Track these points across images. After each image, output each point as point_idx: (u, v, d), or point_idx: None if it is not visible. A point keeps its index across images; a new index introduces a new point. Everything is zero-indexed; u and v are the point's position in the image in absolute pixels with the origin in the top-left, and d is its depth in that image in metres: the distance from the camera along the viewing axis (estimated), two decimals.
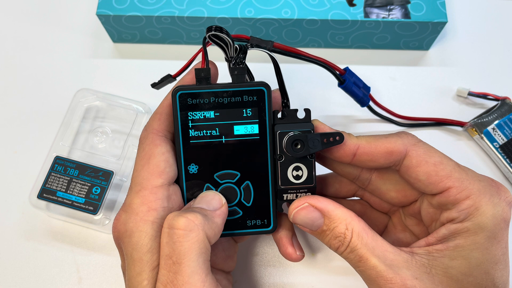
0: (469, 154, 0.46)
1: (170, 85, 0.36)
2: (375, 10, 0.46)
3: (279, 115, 0.31)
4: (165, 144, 0.30)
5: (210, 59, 0.31)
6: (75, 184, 0.40)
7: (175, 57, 0.50)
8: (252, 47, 0.31)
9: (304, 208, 0.30)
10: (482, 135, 0.44)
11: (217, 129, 0.31)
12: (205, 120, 0.30)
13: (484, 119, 0.45)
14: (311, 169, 0.31)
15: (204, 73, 0.30)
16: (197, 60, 0.32)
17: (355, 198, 0.37)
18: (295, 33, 0.48)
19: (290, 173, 0.31)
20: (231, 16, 0.45)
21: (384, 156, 0.30)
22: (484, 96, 0.46)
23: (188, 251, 0.26)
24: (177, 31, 0.48)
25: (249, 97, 0.30)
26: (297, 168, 0.31)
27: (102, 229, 0.41)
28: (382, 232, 0.36)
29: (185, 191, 0.31)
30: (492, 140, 0.44)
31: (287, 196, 0.31)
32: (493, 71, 0.49)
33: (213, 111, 0.30)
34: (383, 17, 0.46)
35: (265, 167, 0.31)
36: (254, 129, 0.31)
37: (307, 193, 0.31)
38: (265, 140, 0.31)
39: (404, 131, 0.31)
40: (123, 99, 0.45)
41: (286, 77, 0.32)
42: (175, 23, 0.47)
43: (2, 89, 0.49)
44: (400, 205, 0.35)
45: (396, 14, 0.46)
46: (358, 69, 0.42)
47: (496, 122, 0.44)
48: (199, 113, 0.30)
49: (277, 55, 0.32)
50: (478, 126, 0.45)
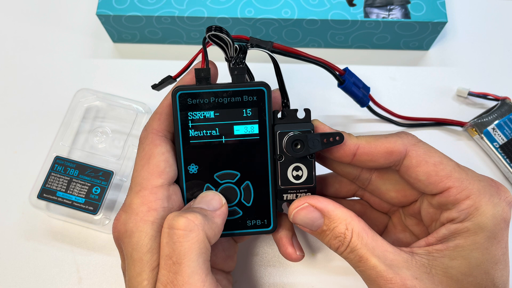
0: (469, 154, 0.46)
1: (171, 85, 0.36)
2: (375, 10, 0.46)
3: (279, 115, 0.31)
4: (165, 144, 0.30)
5: (210, 59, 0.31)
6: (75, 184, 0.40)
7: (175, 57, 0.50)
8: (252, 47, 0.31)
9: (304, 208, 0.30)
10: (482, 135, 0.44)
11: (217, 129, 0.31)
12: (205, 120, 0.30)
13: (484, 119, 0.45)
14: (311, 169, 0.31)
15: (204, 73, 0.30)
16: (197, 61, 0.32)
17: (355, 198, 0.37)
18: (295, 33, 0.48)
19: (290, 173, 0.31)
20: (231, 16, 0.45)
21: (384, 156, 0.30)
22: (484, 96, 0.46)
23: (188, 251, 0.26)
24: (177, 31, 0.48)
25: (249, 97, 0.30)
26: (297, 168, 0.31)
27: (102, 229, 0.41)
28: (382, 232, 0.36)
29: (185, 191, 0.31)
30: (492, 140, 0.44)
31: (287, 196, 0.31)
32: (493, 71, 0.49)
33: (213, 111, 0.30)
34: (383, 17, 0.46)
35: (265, 167, 0.31)
36: (254, 129, 0.31)
37: (307, 193, 0.31)
38: (265, 140, 0.31)
39: (404, 131, 0.31)
40: (123, 99, 0.45)
41: (286, 77, 0.32)
42: (175, 23, 0.47)
43: (2, 89, 0.49)
44: (400, 205, 0.35)
45: (396, 14, 0.46)
46: (358, 69, 0.42)
47: (496, 122, 0.44)
48: (199, 113, 0.30)
49: (277, 55, 0.32)
50: (478, 126, 0.45)
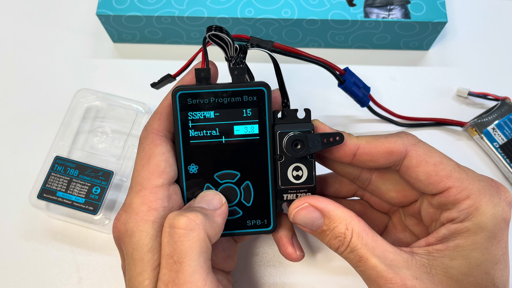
0: (469, 154, 0.46)
1: (170, 84, 0.36)
2: (375, 10, 0.46)
3: (279, 115, 0.31)
4: (166, 144, 0.30)
5: (210, 59, 0.31)
6: (75, 184, 0.40)
7: (175, 57, 0.50)
8: (252, 47, 0.31)
9: (304, 208, 0.30)
10: (482, 135, 0.44)
11: (217, 129, 0.31)
12: (205, 120, 0.30)
13: (484, 119, 0.45)
14: (311, 169, 0.31)
15: (204, 73, 0.30)
16: (197, 60, 0.32)
17: (355, 198, 0.37)
18: (295, 33, 0.48)
19: (290, 173, 0.31)
20: (231, 16, 0.45)
21: (384, 156, 0.30)
22: (484, 96, 0.46)
23: (189, 250, 0.26)
24: (177, 31, 0.48)
25: (249, 97, 0.30)
26: (297, 168, 0.31)
27: (102, 229, 0.41)
28: (382, 232, 0.36)
29: (185, 191, 0.31)
30: (492, 140, 0.44)
31: (287, 196, 0.31)
32: (493, 71, 0.49)
33: (213, 111, 0.30)
34: (383, 17, 0.46)
35: (265, 167, 0.31)
36: (254, 129, 0.31)
37: (307, 193, 0.31)
38: (265, 140, 0.31)
39: (404, 131, 0.31)
40: (123, 99, 0.45)
41: (286, 77, 0.32)
42: (175, 23, 0.47)
43: (2, 89, 0.49)
44: (400, 205, 0.35)
45: (396, 14, 0.46)
46: (358, 69, 0.42)
47: (496, 122, 0.44)
48: (199, 113, 0.30)
49: (277, 55, 0.32)
50: (478, 126, 0.45)
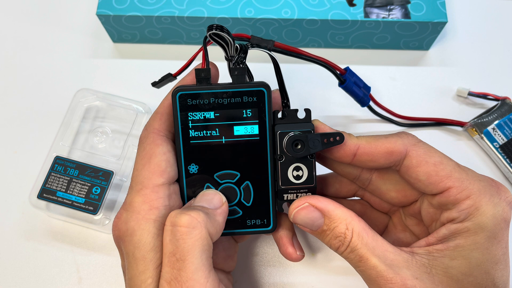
0: (469, 154, 0.46)
1: (171, 84, 0.36)
2: (375, 10, 0.46)
3: (279, 115, 0.31)
4: (166, 144, 0.30)
5: (211, 60, 0.31)
6: (75, 184, 0.40)
7: (175, 57, 0.50)
8: (252, 47, 0.31)
9: (304, 208, 0.30)
10: (482, 135, 0.44)
11: (217, 129, 0.31)
12: (205, 120, 0.30)
13: (484, 119, 0.45)
14: (312, 169, 0.31)
15: (204, 73, 0.30)
16: (197, 59, 0.32)
17: (355, 198, 0.37)
18: (295, 33, 0.48)
19: (291, 173, 0.31)
20: (231, 16, 0.45)
21: (384, 156, 0.30)
22: (484, 96, 0.46)
23: (191, 248, 0.26)
24: (177, 31, 0.48)
25: (249, 97, 0.30)
26: (297, 168, 0.31)
27: (102, 229, 0.41)
28: (383, 232, 0.36)
29: (186, 190, 0.31)
30: (492, 140, 0.44)
31: (287, 196, 0.31)
32: (493, 71, 0.49)
33: (213, 112, 0.30)
34: (383, 17, 0.46)
35: (265, 167, 0.31)
36: (254, 129, 0.31)
37: (308, 193, 0.31)
38: (265, 141, 0.31)
39: (404, 131, 0.31)
40: (123, 99, 0.45)
41: (286, 77, 0.32)
42: (175, 23, 0.47)
43: (2, 89, 0.49)
44: (400, 205, 0.35)
45: (396, 14, 0.46)
46: (358, 69, 0.42)
47: (496, 122, 0.44)
48: (199, 114, 0.30)
49: (277, 55, 0.32)
50: (478, 126, 0.45)
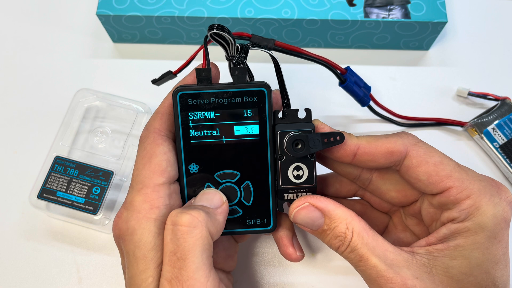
0: (469, 154, 0.46)
1: (171, 82, 0.36)
2: (375, 10, 0.46)
3: (280, 115, 0.31)
4: (167, 143, 0.30)
5: (211, 60, 0.31)
6: (75, 184, 0.40)
7: (175, 57, 0.50)
8: (253, 47, 0.31)
9: (304, 208, 0.30)
10: (482, 135, 0.44)
11: (217, 129, 0.31)
12: (206, 120, 0.30)
13: (484, 119, 0.45)
14: (312, 169, 0.31)
15: (205, 73, 0.30)
16: (197, 59, 0.32)
17: (356, 198, 0.37)
18: (295, 33, 0.48)
19: (291, 173, 0.31)
20: (231, 16, 0.45)
21: (384, 156, 0.30)
22: (484, 96, 0.46)
23: (192, 247, 0.26)
24: (177, 31, 0.48)
25: (249, 97, 0.30)
26: (297, 168, 0.31)
27: (102, 229, 0.41)
28: (383, 232, 0.36)
29: (186, 190, 0.31)
30: (492, 140, 0.44)
31: (287, 195, 0.31)
32: (493, 71, 0.49)
33: (213, 112, 0.30)
34: (383, 17, 0.46)
35: (265, 167, 0.31)
36: (255, 129, 0.31)
37: (308, 193, 0.31)
38: (265, 141, 0.31)
39: (404, 131, 0.31)
40: (123, 99, 0.45)
41: (286, 77, 0.32)
42: (175, 23, 0.47)
43: (2, 89, 0.49)
44: (401, 205, 0.35)
45: (396, 14, 0.46)
46: (358, 69, 0.42)
47: (496, 122, 0.44)
48: (199, 113, 0.30)
49: (278, 55, 0.32)
50: (478, 126, 0.45)
